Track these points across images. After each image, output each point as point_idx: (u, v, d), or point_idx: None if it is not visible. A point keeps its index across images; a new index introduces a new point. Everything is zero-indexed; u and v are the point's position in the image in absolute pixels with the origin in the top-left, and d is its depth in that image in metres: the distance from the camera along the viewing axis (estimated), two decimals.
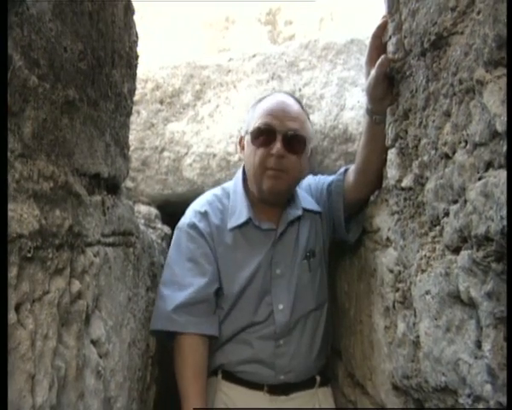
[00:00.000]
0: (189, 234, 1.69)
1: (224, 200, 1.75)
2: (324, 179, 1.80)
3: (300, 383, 1.71)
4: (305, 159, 1.69)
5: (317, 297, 1.74)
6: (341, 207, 1.67)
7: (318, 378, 1.75)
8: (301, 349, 1.70)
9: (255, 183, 1.67)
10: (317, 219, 1.78)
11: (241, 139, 1.76)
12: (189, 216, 1.74)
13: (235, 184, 1.78)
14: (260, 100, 1.75)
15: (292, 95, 1.86)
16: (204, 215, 1.71)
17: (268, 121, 1.62)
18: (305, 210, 1.75)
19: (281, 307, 1.67)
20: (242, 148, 1.74)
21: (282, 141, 1.60)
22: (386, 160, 1.35)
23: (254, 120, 1.66)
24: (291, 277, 1.70)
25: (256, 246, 1.69)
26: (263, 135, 1.62)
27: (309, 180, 1.87)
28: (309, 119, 1.77)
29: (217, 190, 1.81)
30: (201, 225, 1.69)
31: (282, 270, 1.69)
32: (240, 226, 1.69)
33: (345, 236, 1.69)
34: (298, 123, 1.64)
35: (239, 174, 1.80)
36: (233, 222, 1.69)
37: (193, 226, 1.69)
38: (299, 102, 1.76)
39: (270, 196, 1.67)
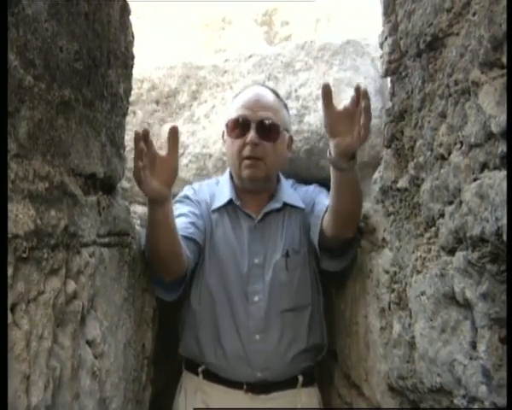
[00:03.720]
0: (180, 200, 1.78)
1: (215, 186, 1.86)
2: (319, 193, 1.80)
3: (281, 382, 1.68)
4: (281, 145, 1.75)
5: (295, 298, 1.72)
6: (316, 239, 1.66)
7: (301, 378, 1.71)
8: (279, 349, 1.67)
9: (235, 173, 1.76)
10: (305, 219, 1.78)
11: (224, 133, 1.83)
12: (183, 191, 1.84)
13: (224, 174, 1.88)
14: (237, 95, 1.83)
15: (267, 86, 1.93)
16: (195, 190, 1.83)
17: (242, 113, 1.71)
18: (286, 204, 1.78)
19: (256, 298, 1.69)
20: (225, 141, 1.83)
21: (255, 130, 1.67)
22: (361, 204, 1.44)
23: (231, 113, 1.76)
24: (268, 271, 1.71)
25: (235, 228, 1.76)
26: (238, 126, 1.71)
27: (309, 187, 1.87)
28: (286, 108, 1.84)
29: (210, 180, 1.93)
30: (193, 196, 1.79)
31: (260, 261, 1.72)
32: (221, 208, 1.77)
33: (324, 265, 1.73)
34: (271, 112, 1.71)
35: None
36: (216, 204, 1.78)
37: (185, 196, 1.80)
38: (274, 92, 1.83)
39: (251, 185, 1.74)
